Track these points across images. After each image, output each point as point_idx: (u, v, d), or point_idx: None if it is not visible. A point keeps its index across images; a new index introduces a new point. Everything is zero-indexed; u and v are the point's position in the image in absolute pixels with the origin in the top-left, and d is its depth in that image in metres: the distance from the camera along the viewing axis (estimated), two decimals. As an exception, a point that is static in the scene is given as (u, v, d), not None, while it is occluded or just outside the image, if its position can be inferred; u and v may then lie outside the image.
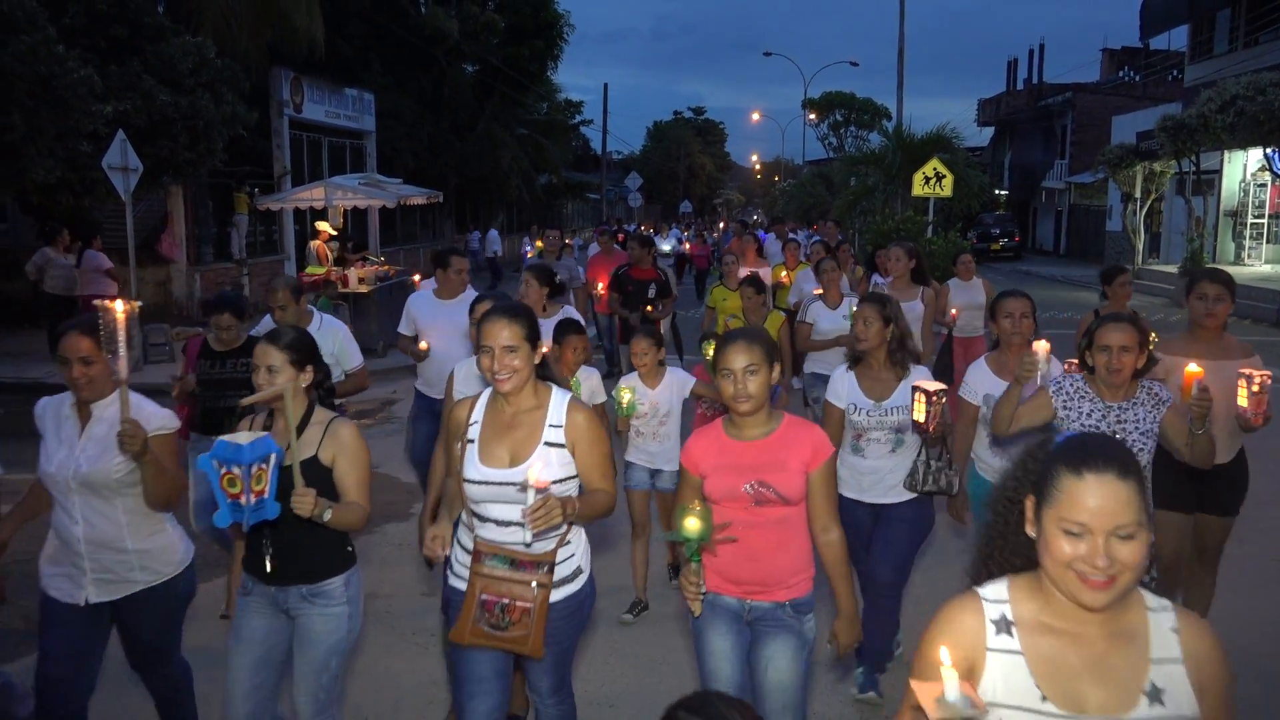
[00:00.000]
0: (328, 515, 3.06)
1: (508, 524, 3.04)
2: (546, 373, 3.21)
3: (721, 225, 32.72)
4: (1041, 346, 3.81)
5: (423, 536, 3.41)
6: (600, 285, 10.08)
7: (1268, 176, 22.69)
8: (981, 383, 4.52)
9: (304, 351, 3.30)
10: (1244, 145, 20.41)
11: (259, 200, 17.66)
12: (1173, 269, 22.96)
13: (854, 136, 50.48)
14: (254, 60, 16.79)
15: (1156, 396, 3.72)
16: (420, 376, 6.00)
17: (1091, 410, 3.71)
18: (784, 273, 10.43)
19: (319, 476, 3.18)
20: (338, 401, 5.05)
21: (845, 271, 9.63)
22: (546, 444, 3.07)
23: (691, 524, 2.75)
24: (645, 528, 5.28)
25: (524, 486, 2.74)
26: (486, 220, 34.77)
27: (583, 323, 5.61)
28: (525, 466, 2.94)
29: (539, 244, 8.88)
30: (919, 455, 4.18)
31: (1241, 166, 25.04)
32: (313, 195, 16.52)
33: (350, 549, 3.35)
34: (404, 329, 6.17)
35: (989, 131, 47.53)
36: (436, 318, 5.91)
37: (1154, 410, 3.70)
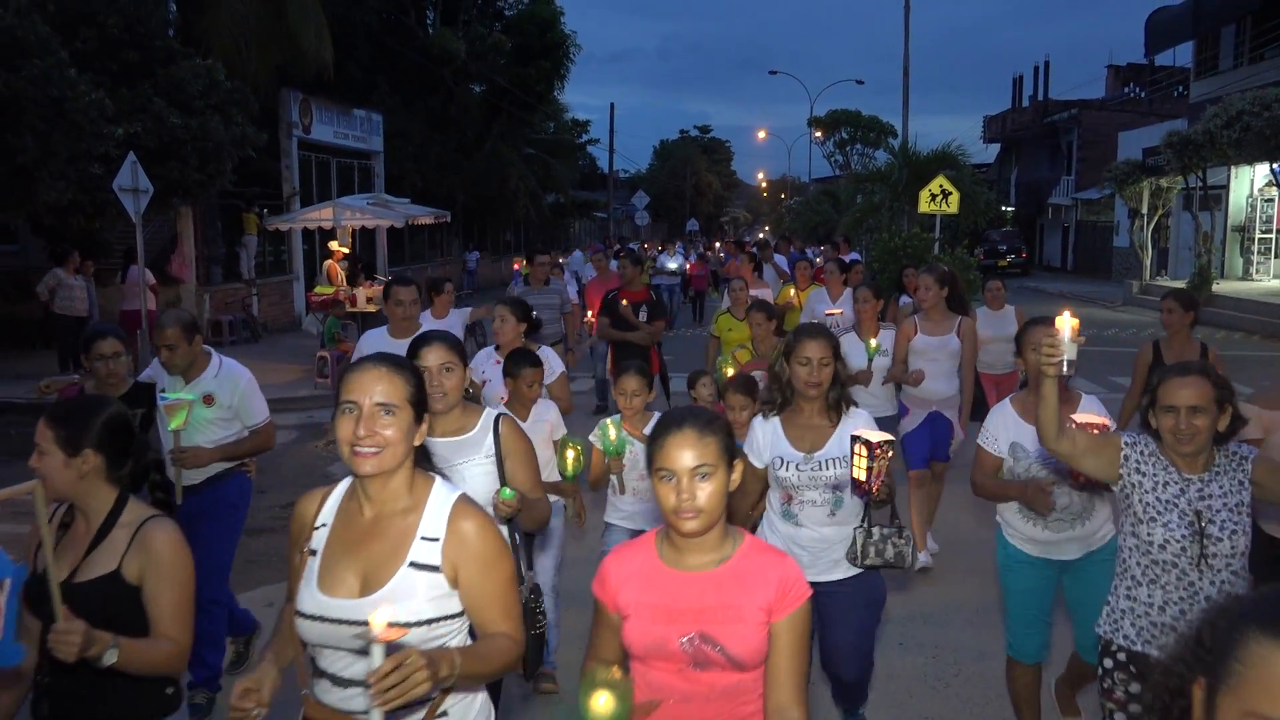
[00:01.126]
0: (110, 658, 2.26)
1: (349, 684, 2.10)
2: (429, 464, 2.31)
3: (718, 245, 30.40)
4: (1066, 324, 2.90)
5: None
6: (589, 313, 9.65)
7: (1275, 191, 22.67)
8: (1005, 429, 3.82)
9: (80, 430, 2.48)
10: (1250, 160, 20.41)
11: (268, 221, 17.76)
12: (1181, 284, 22.90)
13: (860, 154, 50.54)
14: (263, 82, 16.92)
15: (1238, 456, 2.96)
16: None
17: (1167, 482, 2.95)
18: (793, 292, 9.70)
19: (117, 600, 2.44)
20: (241, 464, 4.58)
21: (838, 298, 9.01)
22: (412, 565, 2.12)
23: (601, 704, 1.87)
24: None
25: (367, 637, 1.83)
26: (495, 240, 34.92)
27: (542, 357, 4.91)
28: (373, 600, 2.06)
29: (524, 269, 8.42)
30: (861, 520, 3.57)
31: (1249, 182, 25.03)
32: (321, 215, 16.61)
33: (171, 691, 2.57)
34: None
35: (995, 148, 47.57)
36: None
37: (1240, 476, 2.93)
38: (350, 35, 21.85)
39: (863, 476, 3.21)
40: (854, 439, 3.26)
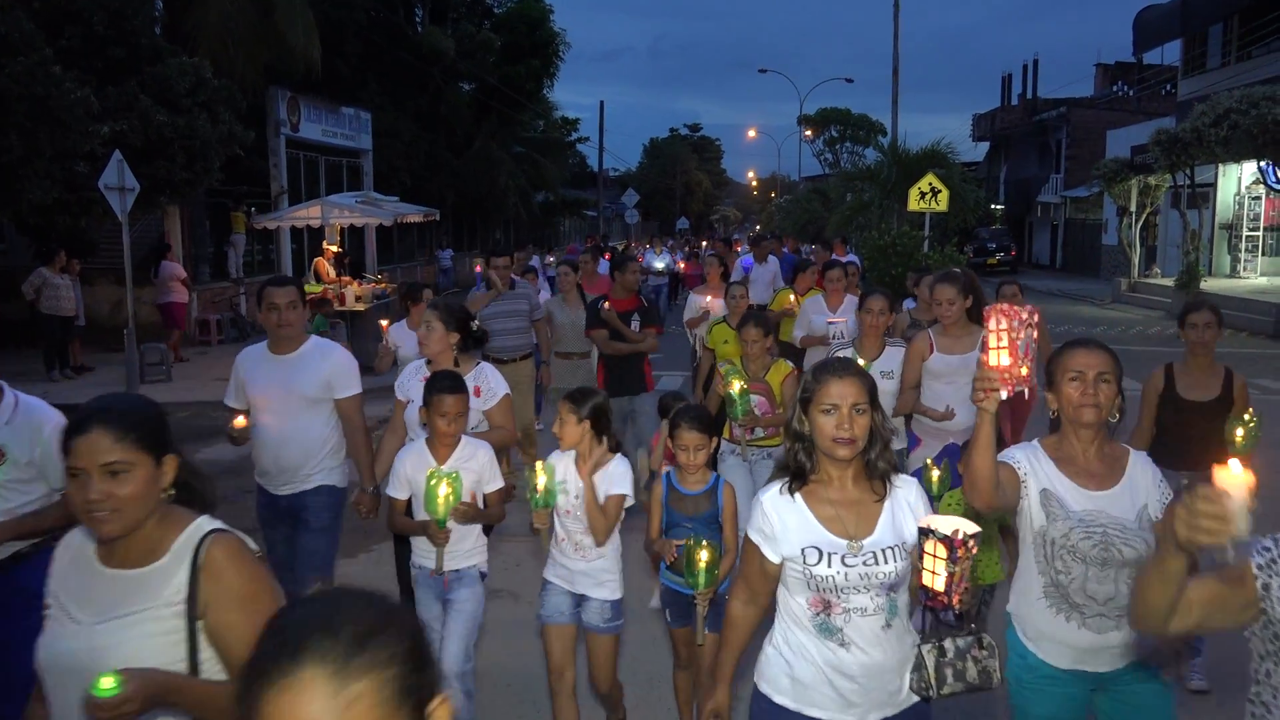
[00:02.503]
0: None
1: None
2: (193, 494, 2.13)
3: (704, 244, 28.85)
4: (1238, 482, 1.88)
5: None
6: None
7: (1262, 189, 22.77)
8: (1033, 468, 2.82)
9: None
10: (1238, 158, 20.48)
11: (256, 219, 17.69)
12: (1169, 282, 23.00)
13: (850, 152, 50.68)
14: (251, 80, 16.84)
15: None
16: (256, 465, 4.46)
17: None
18: (790, 298, 8.63)
19: None
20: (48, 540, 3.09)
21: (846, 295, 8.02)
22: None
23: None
24: (566, 677, 3.80)
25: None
26: (485, 239, 34.85)
27: (480, 377, 4.46)
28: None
29: (488, 272, 7.39)
30: (926, 633, 2.53)
31: (1236, 179, 25.13)
32: (310, 214, 16.56)
33: None
34: (231, 399, 4.46)
35: (984, 146, 47.70)
36: (269, 380, 4.31)
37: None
38: (338, 33, 21.77)
39: (940, 585, 2.32)
40: (924, 532, 2.36)
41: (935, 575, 2.33)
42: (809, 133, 52.05)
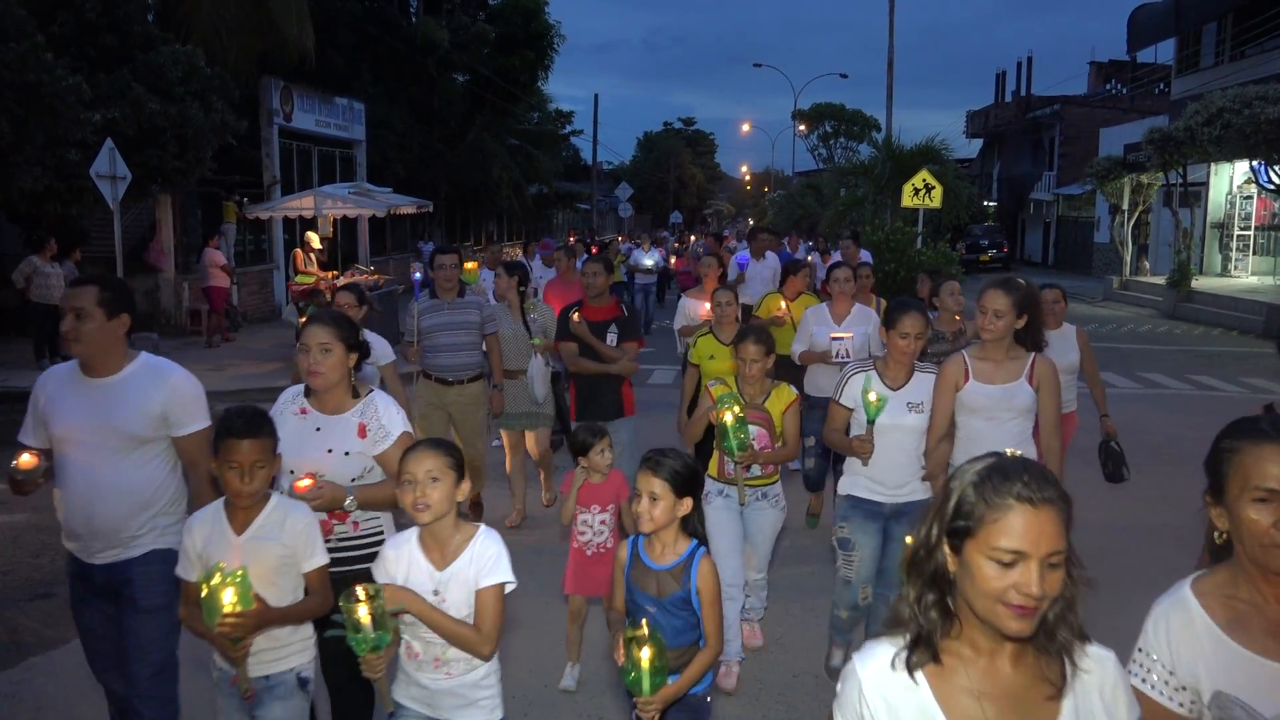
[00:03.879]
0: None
1: None
2: None
3: (692, 238, 26.33)
4: None
5: None
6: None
7: (1254, 189, 22.84)
8: (1192, 654, 1.85)
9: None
10: (1230, 158, 20.56)
11: (248, 209, 17.62)
12: (1160, 280, 23.07)
13: (843, 148, 50.67)
14: (244, 69, 16.76)
15: None
16: (63, 525, 3.40)
17: None
18: (781, 304, 7.37)
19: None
20: None
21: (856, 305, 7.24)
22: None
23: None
24: None
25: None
26: (478, 231, 34.79)
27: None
28: None
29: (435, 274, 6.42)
30: None
31: (1228, 179, 25.21)
32: (302, 204, 16.51)
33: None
34: (28, 436, 3.44)
35: (978, 143, 47.77)
36: (79, 412, 3.30)
37: None
38: (332, 23, 21.68)
39: None
40: None
41: None
42: (803, 128, 52.03)
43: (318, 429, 3.33)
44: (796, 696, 4.56)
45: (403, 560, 2.78)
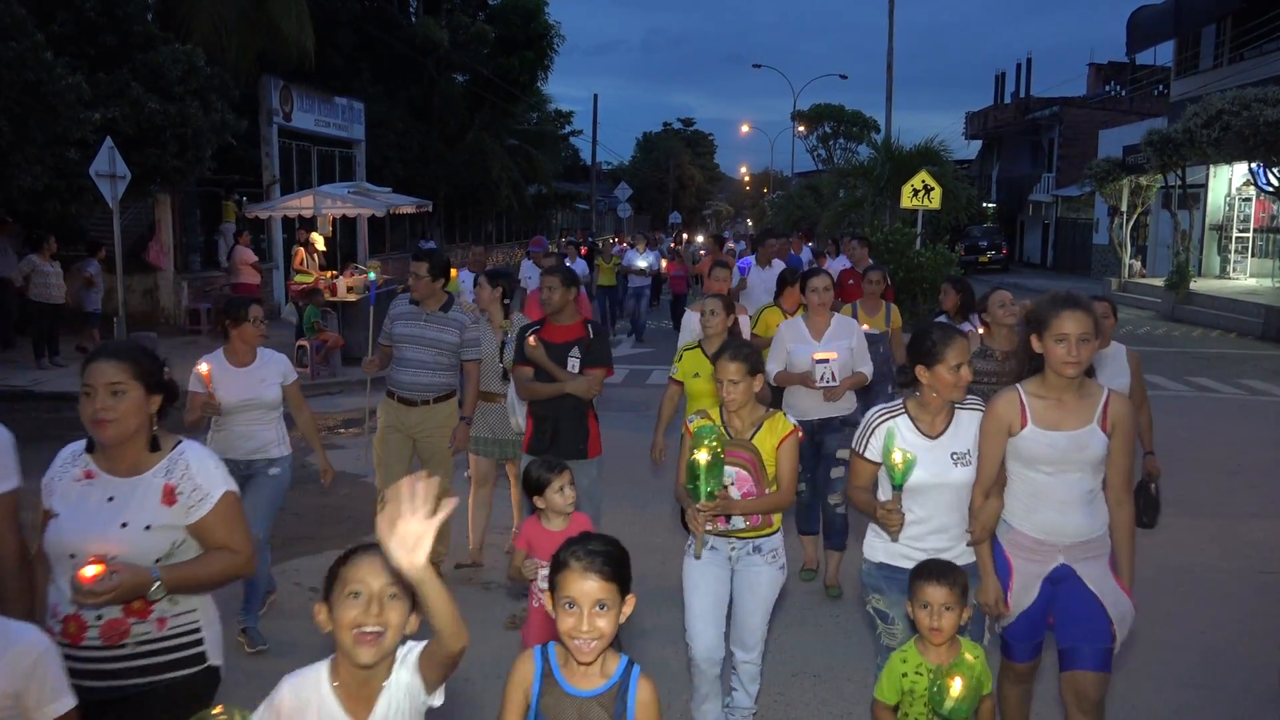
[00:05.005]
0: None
1: None
2: None
3: (684, 240, 25.51)
4: None
5: None
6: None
7: (1252, 191, 22.86)
8: None
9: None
10: (1229, 160, 20.56)
11: (247, 208, 17.63)
12: (1159, 282, 23.09)
13: (843, 149, 50.63)
14: (243, 69, 16.77)
15: None
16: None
17: None
18: (780, 319, 6.52)
19: None
20: None
21: (871, 315, 6.91)
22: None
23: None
24: None
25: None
26: (478, 231, 34.79)
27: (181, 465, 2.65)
28: None
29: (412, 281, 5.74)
30: None
31: (1227, 181, 25.23)
32: (302, 204, 16.51)
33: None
34: None
35: (977, 145, 47.77)
36: None
37: None
38: (332, 22, 21.68)
39: None
40: None
41: None
42: (802, 128, 52.01)
43: (110, 498, 2.55)
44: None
45: (310, 711, 2.09)
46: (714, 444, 3.37)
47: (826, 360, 5.42)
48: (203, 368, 4.82)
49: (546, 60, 32.66)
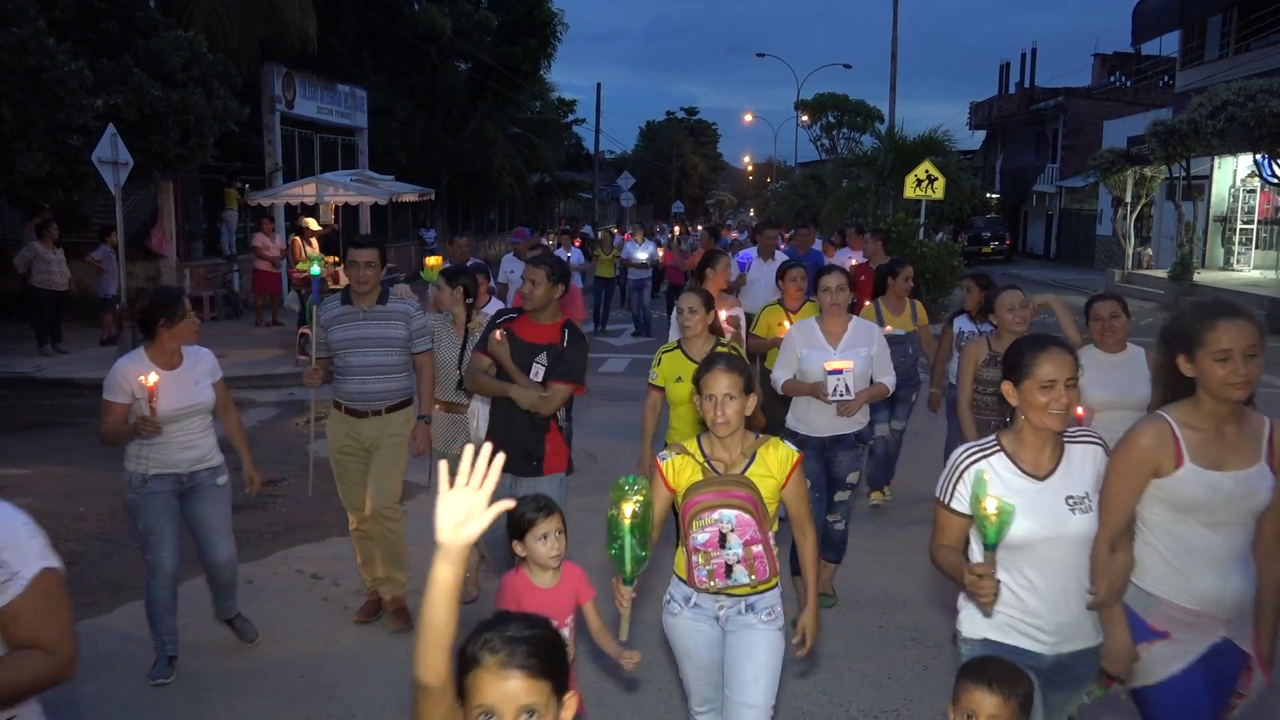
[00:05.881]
0: None
1: None
2: None
3: (678, 229, 24.12)
4: None
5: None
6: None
7: (1257, 182, 22.78)
8: None
9: None
10: (1234, 151, 20.48)
11: (249, 196, 17.61)
12: (1162, 274, 23.04)
13: (846, 138, 50.44)
14: (246, 56, 16.74)
15: None
16: None
17: None
18: (785, 323, 5.84)
19: None
20: None
21: (896, 315, 6.58)
22: None
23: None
24: None
25: None
26: (480, 219, 34.76)
27: None
28: None
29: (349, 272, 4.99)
30: None
31: (1231, 172, 25.15)
32: (304, 191, 16.49)
33: None
34: None
35: (981, 135, 47.63)
36: None
37: None
38: (334, 9, 21.62)
39: None
40: None
41: None
42: (806, 118, 51.82)
43: None
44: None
45: None
46: (638, 497, 2.73)
47: (840, 371, 4.76)
48: (149, 379, 4.16)
49: (549, 48, 32.63)
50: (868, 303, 6.69)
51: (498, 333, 4.40)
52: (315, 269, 5.73)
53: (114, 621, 5.08)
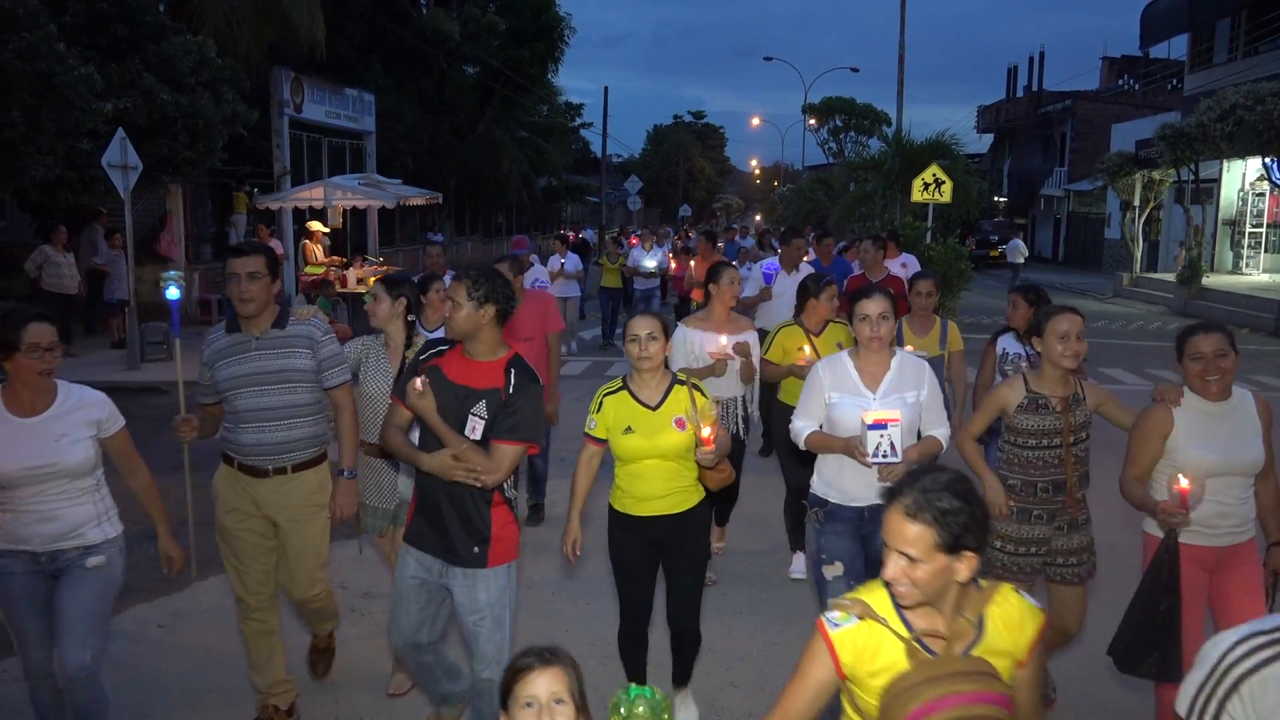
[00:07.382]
0: None
1: None
2: None
3: (677, 239, 22.86)
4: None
5: None
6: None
7: (1266, 186, 22.74)
8: None
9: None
10: (1243, 154, 20.44)
11: (258, 199, 17.67)
12: (1170, 277, 22.99)
13: (854, 142, 50.52)
14: (254, 60, 16.80)
15: None
16: None
17: None
18: (805, 348, 5.19)
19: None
20: None
21: (921, 335, 5.72)
22: None
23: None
24: None
25: None
26: (488, 223, 34.82)
27: None
28: None
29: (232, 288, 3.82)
30: None
31: (1240, 175, 25.11)
32: (312, 195, 16.54)
33: None
34: None
35: (989, 138, 47.62)
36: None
37: None
38: (343, 14, 21.71)
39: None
40: None
41: None
42: (813, 122, 51.92)
43: None
44: None
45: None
46: (641, 711, 2.03)
47: (884, 425, 3.53)
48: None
49: (557, 52, 32.68)
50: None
51: (418, 380, 3.33)
52: (172, 292, 4.49)
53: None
